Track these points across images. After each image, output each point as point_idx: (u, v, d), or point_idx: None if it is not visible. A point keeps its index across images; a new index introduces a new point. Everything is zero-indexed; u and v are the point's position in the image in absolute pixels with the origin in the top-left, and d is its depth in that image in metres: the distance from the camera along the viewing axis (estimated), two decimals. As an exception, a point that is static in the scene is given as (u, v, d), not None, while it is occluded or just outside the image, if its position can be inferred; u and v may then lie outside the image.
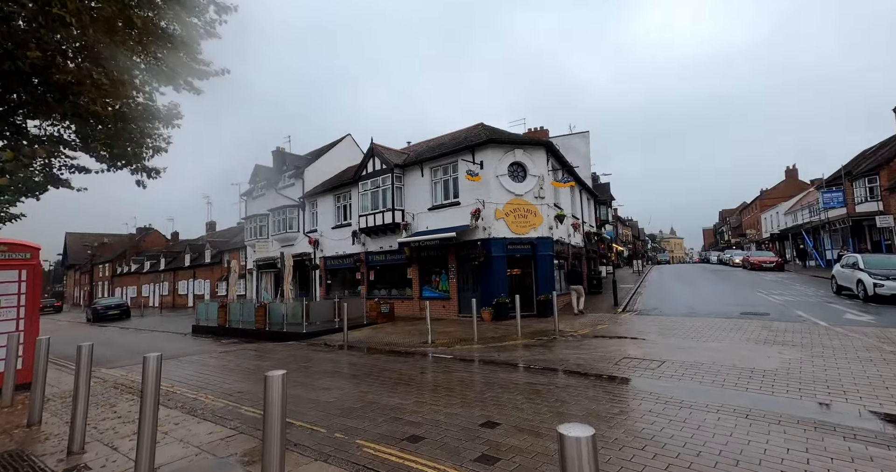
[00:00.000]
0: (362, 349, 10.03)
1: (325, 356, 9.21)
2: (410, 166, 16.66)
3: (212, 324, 15.12)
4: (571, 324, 12.01)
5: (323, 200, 20.77)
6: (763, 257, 28.35)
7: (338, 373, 7.36)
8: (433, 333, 11.56)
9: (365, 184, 17.71)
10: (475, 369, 7.33)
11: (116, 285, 44.10)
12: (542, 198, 14.56)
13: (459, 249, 14.84)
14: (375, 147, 17.35)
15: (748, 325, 10.17)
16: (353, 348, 10.36)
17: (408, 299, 16.60)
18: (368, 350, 9.91)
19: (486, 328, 12.03)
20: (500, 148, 14.38)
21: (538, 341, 9.86)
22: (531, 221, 14.32)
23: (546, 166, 14.92)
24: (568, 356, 8.00)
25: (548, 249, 14.43)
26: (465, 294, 14.86)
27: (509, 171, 14.50)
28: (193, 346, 12.17)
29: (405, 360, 8.52)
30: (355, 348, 10.25)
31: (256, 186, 25.27)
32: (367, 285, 18.36)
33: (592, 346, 8.85)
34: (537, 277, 14.29)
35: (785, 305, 13.19)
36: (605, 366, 7.10)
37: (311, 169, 22.20)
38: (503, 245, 13.96)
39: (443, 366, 7.76)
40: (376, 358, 8.82)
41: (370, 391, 5.97)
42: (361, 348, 10.15)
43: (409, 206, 16.59)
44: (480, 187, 14.33)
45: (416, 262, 16.34)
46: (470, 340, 10.32)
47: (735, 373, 6.25)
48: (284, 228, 22.19)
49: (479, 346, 9.61)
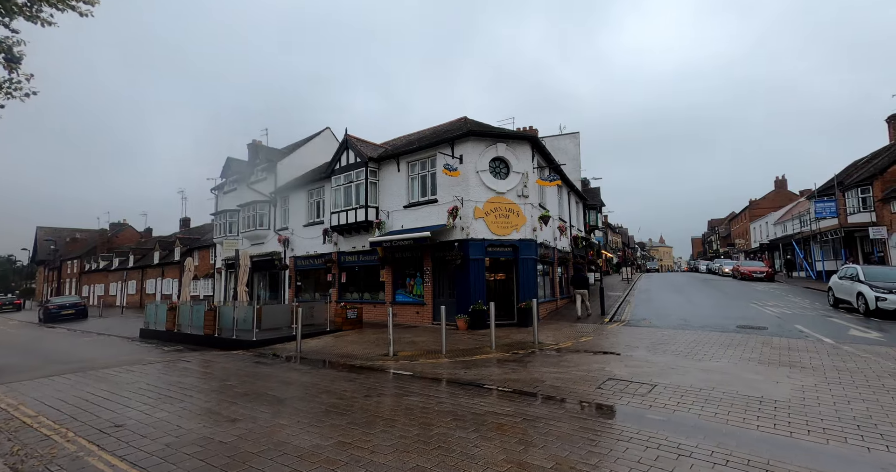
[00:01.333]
0: (313, 363, 8.77)
1: (264, 371, 7.92)
2: (386, 160, 15.48)
3: (160, 328, 13.67)
4: (554, 335, 10.88)
5: (295, 196, 19.45)
6: (753, 266, 27.67)
7: (262, 396, 6.10)
8: (399, 343, 10.36)
9: (338, 178, 16.47)
10: (432, 392, 6.13)
11: (84, 282, 41.95)
12: (526, 197, 13.48)
13: (436, 250, 13.66)
14: (350, 139, 16.14)
15: (747, 341, 9.14)
16: (305, 360, 9.09)
17: (380, 303, 15.34)
18: (320, 364, 8.64)
19: (459, 339, 10.85)
20: (481, 141, 13.28)
21: (513, 355, 8.70)
22: (513, 222, 13.21)
23: (531, 163, 13.86)
24: (544, 376, 6.85)
25: (531, 252, 13.33)
26: (440, 300, 13.65)
27: (491, 167, 13.39)
28: (125, 354, 10.76)
29: (355, 377, 7.29)
30: (306, 361, 8.97)
31: (228, 180, 23.84)
32: (339, 287, 17.06)
33: (574, 362, 7.72)
34: (519, 282, 13.16)
35: (782, 318, 12.24)
36: (585, 390, 5.96)
37: (286, 163, 20.88)
38: (482, 247, 12.82)
39: (395, 387, 6.54)
40: (323, 375, 7.57)
41: (289, 425, 4.73)
42: (313, 361, 8.88)
43: (385, 203, 15.39)
44: (459, 184, 13.19)
45: (389, 264, 15.11)
46: (438, 352, 9.13)
47: (740, 404, 5.15)
48: (254, 225, 20.80)
49: (447, 360, 8.42)
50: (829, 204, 24.68)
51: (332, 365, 8.41)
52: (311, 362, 8.84)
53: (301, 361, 8.97)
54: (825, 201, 24.98)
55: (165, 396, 6.20)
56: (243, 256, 12.24)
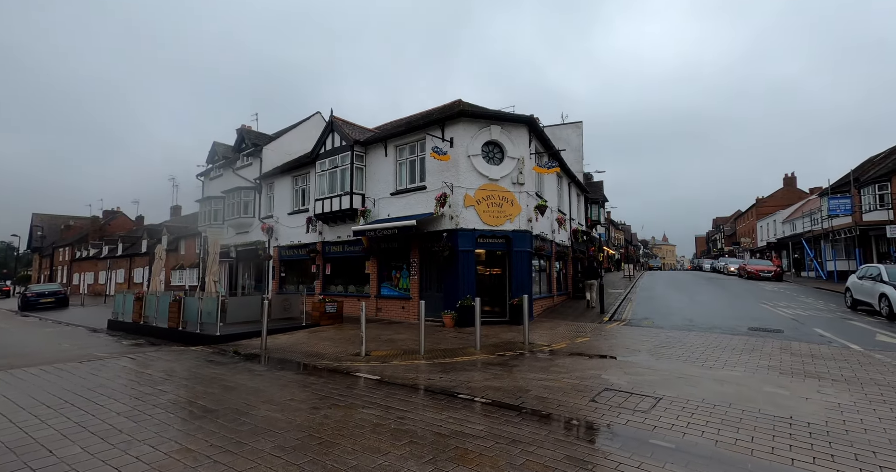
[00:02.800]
0: (274, 363, 7.83)
1: (210, 373, 6.96)
2: (373, 145, 14.44)
3: (128, 320, 12.78)
4: (548, 334, 9.91)
5: (280, 183, 18.47)
6: (761, 265, 26.59)
7: (191, 405, 5.16)
8: (377, 341, 9.43)
9: (322, 163, 15.46)
10: (395, 403, 5.17)
11: (75, 270, 41.24)
12: (521, 184, 12.44)
13: (423, 241, 12.68)
14: (335, 121, 15.10)
15: (763, 345, 8.14)
16: (266, 359, 8.16)
17: (365, 297, 14.40)
18: (280, 364, 7.70)
19: (444, 337, 9.89)
20: (473, 123, 12.22)
21: (499, 357, 7.73)
22: (507, 211, 12.19)
23: (527, 148, 12.80)
24: (530, 384, 5.88)
25: (525, 244, 12.32)
26: (428, 294, 12.70)
27: (483, 151, 12.34)
28: (77, 348, 9.85)
29: (313, 382, 6.34)
30: (267, 361, 8.04)
31: (214, 165, 22.88)
32: (323, 279, 16.12)
33: (566, 368, 6.75)
34: (511, 276, 12.18)
35: (798, 320, 11.23)
36: (577, 404, 4.99)
37: (272, 147, 19.86)
38: (472, 238, 11.82)
39: (355, 395, 5.59)
40: (276, 379, 6.62)
41: (196, 451, 3.76)
42: (274, 361, 7.94)
43: (372, 190, 14.38)
44: (449, 169, 12.17)
45: (374, 255, 14.15)
46: (416, 352, 8.17)
47: (766, 426, 4.17)
48: (239, 213, 19.85)
49: (424, 362, 7.46)
50: (844, 201, 23.52)
51: (294, 366, 7.46)
52: (273, 361, 7.90)
53: (261, 360, 8.03)
54: (839, 198, 23.81)
55: (69, 405, 5.23)
56: (212, 243, 11.30)
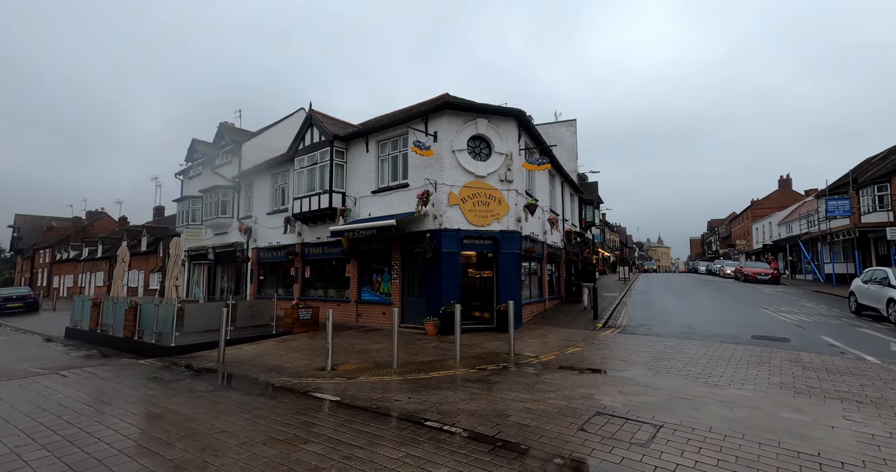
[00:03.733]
0: (226, 380, 6.98)
1: (144, 395, 6.06)
2: (354, 140, 13.63)
3: (85, 327, 11.83)
4: (536, 344, 9.11)
5: (260, 181, 17.59)
6: (758, 268, 26.02)
7: (90, 445, 4.32)
8: (348, 352, 8.60)
9: (301, 160, 14.61)
10: (348, 435, 4.36)
11: (56, 272, 39.96)
12: (510, 182, 11.67)
13: (405, 242, 11.87)
14: (314, 115, 14.27)
15: (770, 357, 7.40)
16: (222, 375, 7.30)
17: (345, 302, 13.55)
18: (231, 382, 6.85)
19: (423, 347, 9.07)
20: (458, 117, 11.44)
21: (480, 372, 6.92)
22: (494, 210, 11.41)
23: (516, 143, 12.04)
24: (511, 406, 5.08)
25: (514, 245, 11.54)
26: (410, 299, 11.89)
27: (469, 146, 11.57)
28: (15, 361, 8.93)
29: (260, 406, 5.50)
30: (222, 377, 7.18)
31: (193, 163, 21.95)
32: (303, 282, 15.25)
33: (553, 385, 5.95)
34: (499, 280, 11.39)
35: (803, 327, 10.53)
36: (563, 433, 4.20)
37: (252, 145, 18.97)
38: (457, 239, 11.03)
39: (302, 424, 4.75)
40: (219, 400, 5.77)
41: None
42: (226, 378, 7.08)
43: (353, 188, 13.56)
44: (433, 165, 11.38)
45: (355, 257, 13.31)
46: (388, 366, 7.35)
47: (791, 468, 3.40)
48: (217, 213, 18.93)
49: (396, 378, 6.64)
50: (843, 202, 22.99)
51: (246, 385, 6.61)
52: (224, 379, 7.04)
53: (213, 377, 7.17)
54: (838, 199, 23.28)
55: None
56: (174, 245, 10.42)
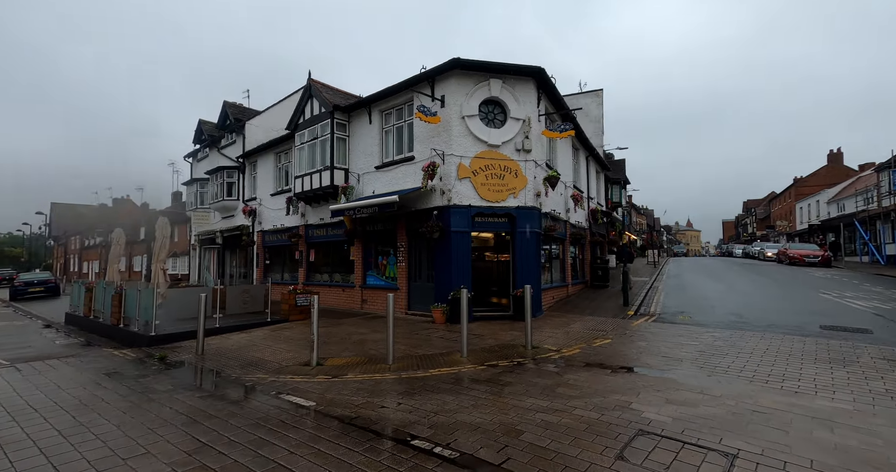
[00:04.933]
0: (194, 376, 6.11)
1: (91, 396, 5.25)
2: (357, 111, 12.44)
3: (80, 314, 11.37)
4: (558, 334, 7.90)
5: (263, 161, 16.73)
6: (805, 249, 23.70)
7: None
8: (343, 343, 7.63)
9: (301, 135, 13.58)
10: (305, 459, 3.33)
11: (85, 258, 41.16)
12: (528, 152, 10.28)
13: (412, 221, 10.75)
14: (314, 85, 13.13)
15: (857, 354, 5.96)
16: (188, 370, 6.45)
17: (349, 287, 12.64)
18: (199, 379, 5.97)
19: (429, 337, 8.01)
20: (468, 78, 10.06)
21: (490, 368, 5.80)
22: (510, 184, 10.09)
23: (535, 107, 10.59)
24: (525, 417, 3.95)
25: (532, 223, 10.24)
26: (417, 284, 10.83)
27: (482, 111, 10.20)
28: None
29: (217, 411, 4.55)
30: (191, 372, 6.33)
31: (201, 145, 21.35)
32: (307, 266, 14.43)
33: (580, 388, 4.77)
34: (516, 262, 10.15)
35: (883, 315, 8.90)
36: (594, 464, 3.03)
37: (256, 123, 18.08)
38: (467, 216, 9.81)
39: (253, 443, 3.76)
40: (170, 403, 4.86)
41: None
42: (195, 374, 6.22)
43: (356, 164, 12.46)
44: (440, 134, 10.11)
45: (359, 238, 12.31)
46: (383, 360, 6.33)
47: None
48: (223, 195, 18.27)
49: (390, 376, 5.61)
50: (911, 174, 20.39)
51: (215, 382, 5.71)
52: (192, 374, 6.17)
53: (182, 372, 6.32)
54: (904, 171, 20.67)
55: None
56: (160, 226, 9.66)
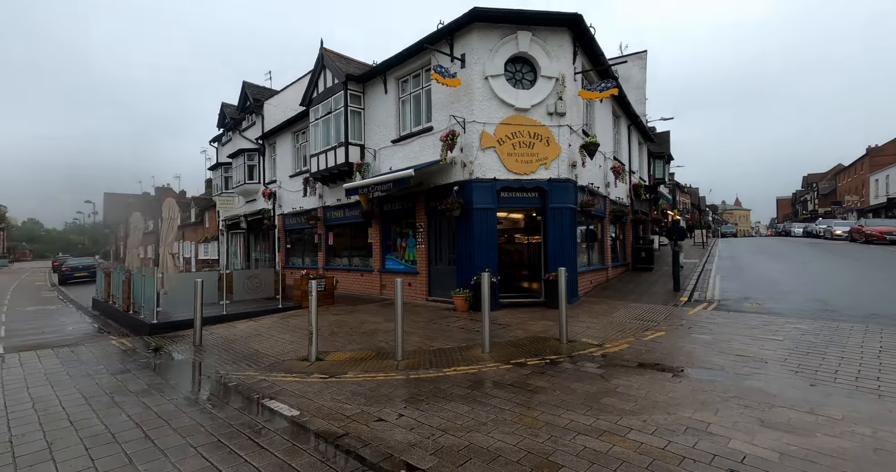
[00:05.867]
0: (180, 372, 5.48)
1: (25, 397, 4.69)
2: (371, 81, 11.41)
3: (101, 299, 11.30)
4: (599, 325, 6.74)
5: (282, 142, 16.14)
6: (887, 226, 20.77)
7: None
8: (353, 334, 6.86)
9: (316, 110, 12.75)
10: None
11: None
12: (562, 115, 8.92)
13: (431, 198, 9.74)
14: (326, 54, 12.17)
15: None
16: (179, 364, 5.84)
17: (368, 271, 11.89)
18: (180, 376, 5.33)
19: (447, 327, 7.07)
20: (492, 32, 8.75)
21: (516, 368, 4.77)
22: (540, 154, 8.81)
23: (570, 64, 9.14)
24: (562, 442, 2.93)
25: (566, 198, 8.95)
26: (438, 267, 9.89)
27: (507, 70, 8.90)
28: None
29: (178, 422, 3.81)
30: (179, 368, 5.71)
31: (225, 129, 21.11)
32: (326, 250, 13.82)
33: (632, 399, 3.67)
34: (547, 242, 8.95)
35: None
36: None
37: (273, 102, 17.48)
38: (492, 191, 8.66)
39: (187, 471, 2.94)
40: (131, 409, 4.18)
41: None
42: (183, 370, 5.59)
43: (372, 139, 11.51)
44: (461, 99, 8.92)
45: (376, 219, 11.46)
46: (392, 356, 5.45)
47: None
48: (244, 179, 17.96)
49: (396, 376, 4.72)
50: None
51: (197, 381, 5.03)
52: (180, 369, 5.54)
53: (169, 367, 5.71)
54: None
55: None
56: (167, 207, 9.21)
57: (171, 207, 9.37)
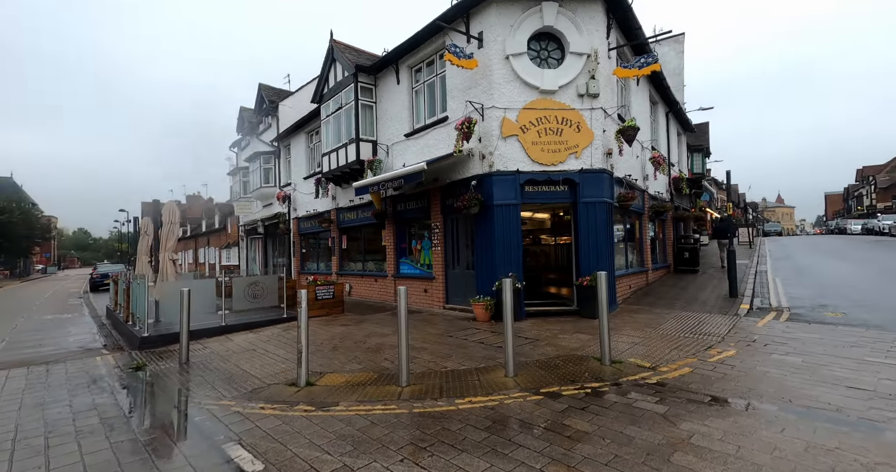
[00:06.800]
0: (145, 400, 4.73)
1: None
2: (383, 72, 10.63)
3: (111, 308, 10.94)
4: (647, 339, 5.58)
5: (296, 143, 15.64)
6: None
7: None
8: (356, 350, 5.97)
9: (327, 106, 12.10)
10: None
11: (163, 252, 44.71)
12: (594, 97, 7.80)
13: (447, 196, 8.81)
14: (336, 46, 11.49)
15: None
16: (152, 387, 5.11)
17: (382, 276, 11.06)
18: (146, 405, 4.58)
19: (465, 341, 6.07)
20: (513, 4, 7.75)
21: (548, 401, 3.74)
22: (570, 141, 7.72)
23: (604, 38, 8.02)
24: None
25: (601, 191, 7.80)
26: (456, 271, 8.92)
27: (531, 49, 7.87)
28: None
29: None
30: (146, 395, 4.98)
31: (243, 134, 20.99)
32: (340, 254, 13.11)
33: (717, 459, 2.57)
34: (579, 241, 7.82)
35: None
36: None
37: (289, 103, 17.05)
38: (515, 185, 7.63)
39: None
40: (57, 454, 3.40)
41: None
42: (150, 397, 4.85)
43: (384, 134, 10.72)
44: (479, 83, 7.96)
45: (390, 220, 10.62)
46: (395, 381, 4.52)
47: None
48: (261, 182, 17.62)
49: (396, 408, 3.78)
50: None
51: (163, 412, 4.26)
52: (152, 395, 4.79)
53: (137, 391, 4.99)
54: None
55: None
56: (167, 211, 8.65)
57: (171, 211, 8.87)
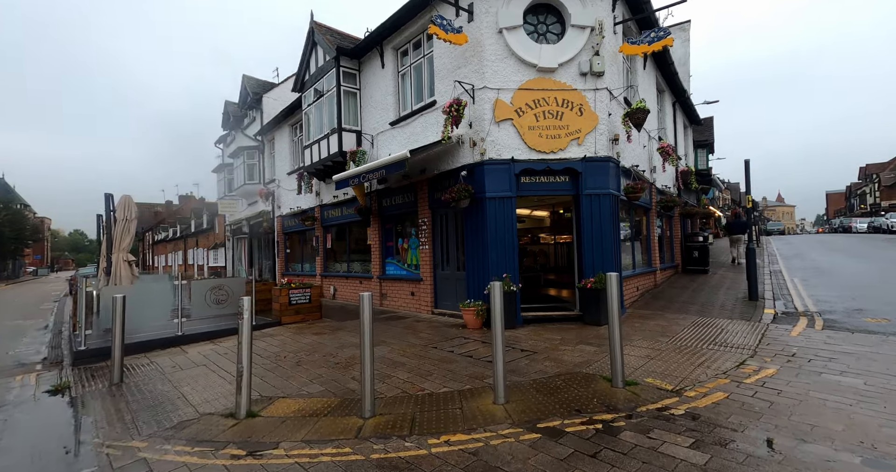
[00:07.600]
0: (57, 430, 3.84)
1: None
2: (367, 55, 9.76)
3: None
4: (662, 352, 4.71)
5: (280, 136, 14.75)
6: None
7: None
8: (321, 366, 5.11)
9: (307, 95, 11.22)
10: None
11: (155, 252, 43.61)
12: (598, 76, 6.93)
13: (435, 189, 7.93)
14: (317, 28, 10.60)
15: None
16: (59, 419, 4.23)
17: (367, 278, 10.17)
18: (58, 437, 3.69)
19: (450, 354, 5.19)
20: (506, -30, 6.87)
21: (547, 442, 2.84)
22: (571, 126, 6.85)
23: (609, 9, 7.16)
24: None
25: (605, 181, 6.93)
26: (445, 273, 8.04)
27: (528, 22, 7.00)
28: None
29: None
30: (49, 428, 4.09)
31: (228, 129, 20.07)
32: (324, 254, 12.23)
33: None
34: (582, 238, 6.94)
35: None
36: None
37: (274, 95, 16.16)
38: (510, 175, 6.76)
39: None
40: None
41: None
42: (62, 427, 3.96)
43: (369, 123, 9.84)
44: (469, 62, 7.09)
45: (375, 217, 9.75)
46: (356, 411, 3.63)
47: None
48: (245, 179, 16.72)
49: (353, 455, 2.89)
50: None
51: (45, 463, 3.37)
52: (44, 434, 3.91)
53: (36, 426, 4.11)
54: None
55: None
56: (120, 206, 7.66)
57: (127, 206, 7.95)
